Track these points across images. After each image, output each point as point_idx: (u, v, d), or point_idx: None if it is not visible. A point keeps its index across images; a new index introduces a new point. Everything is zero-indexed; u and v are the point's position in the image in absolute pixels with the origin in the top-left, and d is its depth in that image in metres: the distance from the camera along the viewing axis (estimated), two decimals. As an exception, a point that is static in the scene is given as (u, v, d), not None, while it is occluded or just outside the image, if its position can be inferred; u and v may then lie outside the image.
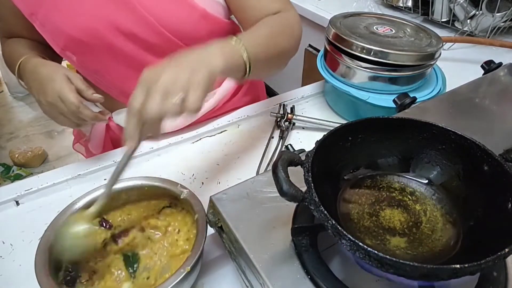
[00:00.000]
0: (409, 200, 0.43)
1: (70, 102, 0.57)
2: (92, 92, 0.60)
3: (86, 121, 0.61)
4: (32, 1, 0.61)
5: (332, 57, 0.73)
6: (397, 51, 0.66)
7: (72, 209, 0.48)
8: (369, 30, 0.73)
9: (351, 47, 0.68)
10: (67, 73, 0.59)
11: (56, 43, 0.64)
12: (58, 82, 0.58)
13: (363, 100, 0.70)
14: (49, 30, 0.63)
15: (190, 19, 0.65)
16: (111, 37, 0.62)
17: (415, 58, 0.66)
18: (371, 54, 0.66)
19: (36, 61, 0.63)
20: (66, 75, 0.59)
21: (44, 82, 0.59)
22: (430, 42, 0.71)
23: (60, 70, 0.60)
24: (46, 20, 0.62)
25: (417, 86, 0.72)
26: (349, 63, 0.69)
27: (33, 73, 0.62)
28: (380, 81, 0.69)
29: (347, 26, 0.73)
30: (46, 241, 0.44)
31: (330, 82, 0.74)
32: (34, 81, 0.61)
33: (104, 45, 0.63)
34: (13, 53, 0.67)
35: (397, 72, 0.67)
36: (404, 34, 0.73)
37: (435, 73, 0.78)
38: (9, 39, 0.72)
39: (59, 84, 0.57)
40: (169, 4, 0.63)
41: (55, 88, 0.58)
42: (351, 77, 0.71)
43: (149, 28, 0.63)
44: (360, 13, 0.82)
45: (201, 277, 0.50)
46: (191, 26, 0.66)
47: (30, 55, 0.64)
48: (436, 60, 0.70)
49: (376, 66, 0.67)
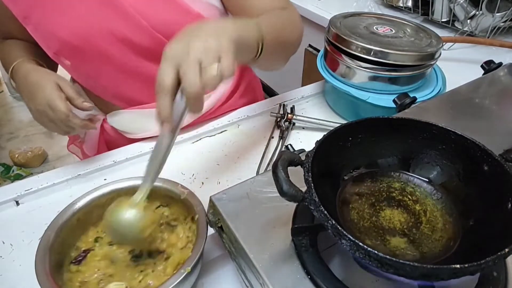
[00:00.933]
0: (409, 200, 0.43)
1: (59, 110, 0.57)
2: (82, 100, 0.60)
3: (75, 129, 0.61)
4: (25, 5, 0.61)
5: (332, 57, 0.73)
6: (397, 51, 0.66)
7: (73, 209, 0.48)
8: (369, 30, 0.73)
9: (351, 47, 0.68)
10: (58, 81, 0.59)
11: (49, 47, 0.64)
12: (48, 89, 0.58)
13: (363, 100, 0.70)
14: (42, 34, 0.63)
15: (184, 22, 0.64)
16: (104, 41, 0.62)
17: (415, 58, 0.66)
18: (371, 54, 0.66)
19: (29, 67, 0.63)
20: (56, 82, 0.59)
21: (34, 89, 0.59)
22: (430, 42, 0.71)
23: (50, 78, 0.60)
24: (39, 24, 0.62)
25: (417, 86, 0.72)
26: (349, 63, 0.69)
27: (24, 79, 0.62)
28: (380, 81, 0.69)
29: (347, 26, 0.73)
30: (46, 241, 0.44)
31: (330, 82, 0.74)
32: (25, 87, 0.61)
33: (97, 49, 0.63)
34: (8, 55, 0.68)
35: (397, 72, 0.67)
36: (404, 34, 0.73)
37: (435, 73, 0.78)
38: (5, 41, 0.72)
39: (48, 92, 0.58)
40: (163, 9, 0.63)
41: (44, 96, 0.58)
42: (351, 77, 0.71)
43: (143, 32, 0.62)
44: (360, 13, 0.82)
45: (201, 277, 0.50)
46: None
47: (23, 59, 0.65)
48: (436, 60, 0.70)
49: (376, 66, 0.67)
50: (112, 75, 0.68)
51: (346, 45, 0.69)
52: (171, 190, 0.51)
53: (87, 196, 0.50)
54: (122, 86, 0.70)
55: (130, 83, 0.69)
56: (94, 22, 0.61)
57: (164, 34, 0.64)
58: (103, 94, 0.73)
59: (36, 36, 0.63)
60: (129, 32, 0.62)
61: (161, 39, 0.64)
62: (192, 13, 0.65)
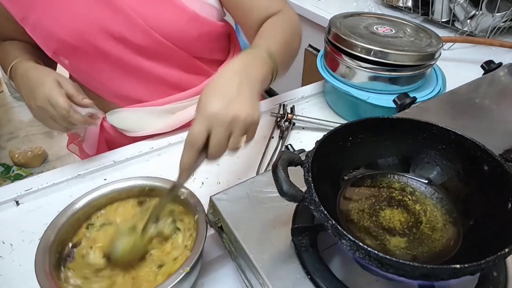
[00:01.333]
0: (409, 200, 0.43)
1: (60, 106, 0.57)
2: (82, 97, 0.60)
3: (76, 125, 0.61)
4: (23, 5, 0.61)
5: (332, 57, 0.73)
6: (397, 51, 0.66)
7: (73, 209, 0.48)
8: (369, 30, 0.73)
9: (351, 47, 0.68)
10: (58, 78, 0.59)
11: (48, 47, 0.64)
12: (48, 86, 0.58)
13: (363, 100, 0.70)
14: (40, 34, 0.63)
15: (180, 21, 0.66)
16: (102, 40, 0.63)
17: (415, 58, 0.66)
18: (371, 54, 0.66)
19: (28, 65, 0.63)
20: (56, 79, 0.59)
21: (34, 86, 0.59)
22: (430, 42, 0.71)
23: (50, 75, 0.60)
24: (37, 24, 0.62)
25: (417, 86, 0.72)
26: (349, 63, 0.69)
27: (24, 77, 0.62)
28: (380, 81, 0.69)
29: (347, 26, 0.73)
30: (46, 241, 0.44)
31: (330, 82, 0.74)
32: (24, 85, 0.62)
33: (95, 48, 0.63)
34: (6, 56, 0.68)
35: (397, 72, 0.67)
36: (404, 34, 0.74)
37: (435, 73, 0.78)
38: (4, 42, 0.72)
39: (49, 89, 0.58)
40: (159, 7, 0.64)
41: (45, 92, 0.58)
42: (351, 77, 0.71)
43: (140, 30, 0.63)
44: (360, 13, 0.82)
45: (201, 277, 0.50)
46: (181, 28, 0.66)
47: (22, 58, 0.65)
48: (436, 60, 0.70)
49: (376, 66, 0.67)
50: (110, 74, 0.68)
51: (346, 45, 0.69)
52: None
53: (87, 196, 0.49)
54: (121, 84, 0.70)
55: (128, 81, 0.70)
56: (91, 21, 0.61)
57: (160, 33, 0.64)
58: (102, 92, 0.73)
59: (35, 36, 0.64)
60: (126, 31, 0.63)
61: (157, 37, 0.64)
62: (188, 12, 0.65)
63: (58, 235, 0.45)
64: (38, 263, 0.41)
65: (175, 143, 0.72)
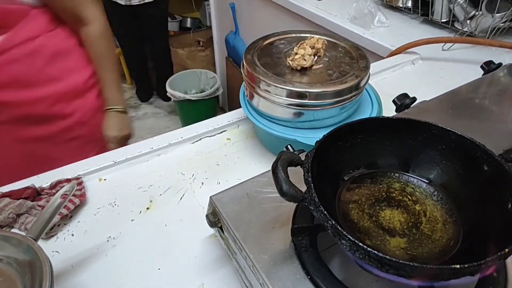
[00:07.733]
0: (409, 200, 0.43)
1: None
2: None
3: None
4: None
5: (251, 92, 0.63)
6: (316, 89, 0.57)
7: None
8: (287, 63, 0.62)
9: (266, 88, 0.60)
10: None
11: None
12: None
13: (290, 139, 0.61)
14: None
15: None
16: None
17: (337, 94, 0.58)
18: (290, 95, 0.58)
19: None
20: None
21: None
22: (357, 68, 0.62)
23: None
24: None
25: (348, 115, 0.64)
26: (269, 99, 0.60)
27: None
28: (306, 118, 0.60)
29: (261, 59, 0.63)
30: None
31: (252, 121, 0.65)
32: None
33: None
34: None
35: (321, 107, 0.59)
36: (328, 62, 0.64)
37: (368, 96, 0.69)
38: None
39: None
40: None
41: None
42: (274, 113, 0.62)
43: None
44: (282, 36, 0.70)
45: (201, 277, 0.50)
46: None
47: None
48: (363, 88, 0.62)
49: (300, 102, 0.58)
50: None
51: (262, 86, 0.60)
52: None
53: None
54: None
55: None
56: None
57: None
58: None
59: None
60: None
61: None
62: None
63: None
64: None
65: (175, 143, 0.72)
